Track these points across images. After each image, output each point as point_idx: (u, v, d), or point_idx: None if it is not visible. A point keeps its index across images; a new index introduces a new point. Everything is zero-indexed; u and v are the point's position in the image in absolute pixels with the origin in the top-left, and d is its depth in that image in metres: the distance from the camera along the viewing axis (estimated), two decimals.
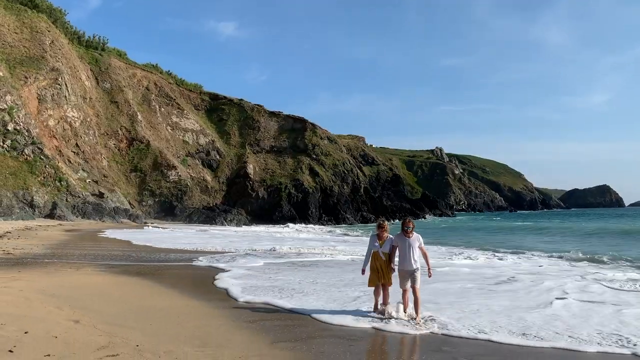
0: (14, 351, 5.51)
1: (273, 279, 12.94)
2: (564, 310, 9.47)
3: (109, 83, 72.28)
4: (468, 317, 8.75)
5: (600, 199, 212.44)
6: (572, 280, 13.31)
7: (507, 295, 11.11)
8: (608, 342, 7.26)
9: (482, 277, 13.91)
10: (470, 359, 6.42)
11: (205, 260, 17.76)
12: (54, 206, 50.29)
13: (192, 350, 6.23)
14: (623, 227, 45.69)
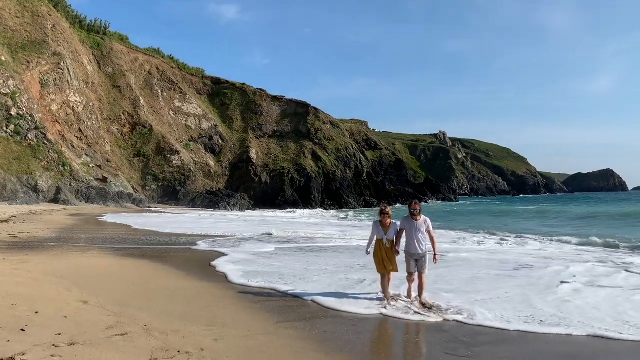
0: (26, 330, 5.65)
1: (282, 264, 12.88)
2: (584, 295, 9.29)
3: (111, 67, 72.10)
4: (483, 303, 8.45)
5: (604, 183, 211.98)
6: (591, 265, 13.20)
7: (524, 280, 10.81)
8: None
9: (499, 263, 13.68)
10: (475, 341, 6.54)
11: (211, 244, 17.93)
12: (57, 191, 50.58)
13: (198, 329, 6.36)
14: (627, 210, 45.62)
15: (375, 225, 8.83)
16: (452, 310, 7.94)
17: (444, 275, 11.24)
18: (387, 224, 8.67)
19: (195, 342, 5.76)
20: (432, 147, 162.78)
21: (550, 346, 6.38)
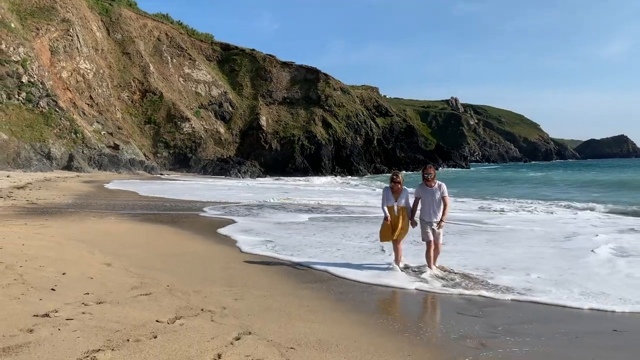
0: (56, 290, 5.91)
1: (315, 233, 12.42)
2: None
3: (120, 34, 71.61)
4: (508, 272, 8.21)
5: (617, 150, 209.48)
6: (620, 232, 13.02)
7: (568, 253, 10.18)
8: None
9: (546, 234, 12.96)
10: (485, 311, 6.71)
11: (227, 211, 18.20)
12: (70, 158, 51.14)
13: (219, 290, 6.60)
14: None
15: (385, 191, 8.64)
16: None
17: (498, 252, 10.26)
18: (398, 190, 8.43)
19: (216, 302, 6.00)
20: (444, 114, 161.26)
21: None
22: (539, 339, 5.20)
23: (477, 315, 6.06)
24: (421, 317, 6.27)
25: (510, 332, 5.43)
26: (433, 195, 8.27)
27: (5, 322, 4.65)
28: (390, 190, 8.49)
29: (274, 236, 11.72)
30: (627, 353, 5.00)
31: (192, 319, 5.26)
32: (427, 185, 8.34)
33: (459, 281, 7.75)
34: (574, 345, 5.13)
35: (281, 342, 4.72)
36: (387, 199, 8.49)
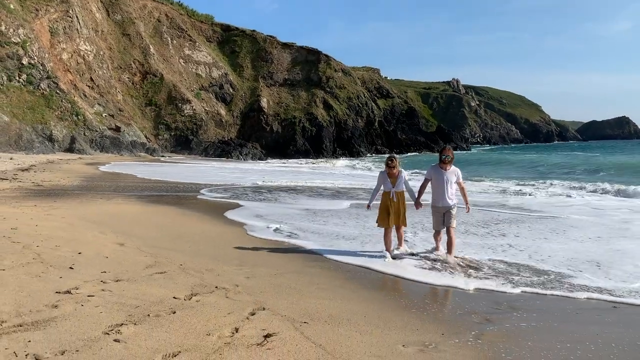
0: (74, 268, 6.11)
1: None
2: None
3: (120, 15, 71.08)
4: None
5: (619, 131, 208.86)
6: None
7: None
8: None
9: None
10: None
11: (232, 193, 18.37)
12: (72, 140, 51.21)
13: (231, 268, 6.80)
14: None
15: (381, 175, 8.17)
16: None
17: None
18: (394, 174, 8.03)
19: (229, 279, 6.20)
20: (445, 95, 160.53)
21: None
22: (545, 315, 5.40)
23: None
24: (428, 295, 6.46)
25: (514, 308, 5.64)
26: (448, 180, 7.83)
27: (30, 298, 4.85)
28: (387, 174, 8.11)
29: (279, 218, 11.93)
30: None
31: (208, 295, 5.46)
32: (442, 167, 7.90)
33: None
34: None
35: (294, 317, 4.92)
36: (384, 184, 8.12)
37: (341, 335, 4.50)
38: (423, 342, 4.46)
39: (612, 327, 5.16)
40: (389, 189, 8.02)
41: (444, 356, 4.17)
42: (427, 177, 8.10)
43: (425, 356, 4.15)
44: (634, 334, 5.01)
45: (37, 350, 3.71)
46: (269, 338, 4.31)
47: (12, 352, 3.64)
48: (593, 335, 4.86)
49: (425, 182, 8.13)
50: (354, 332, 4.62)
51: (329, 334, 4.50)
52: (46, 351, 3.72)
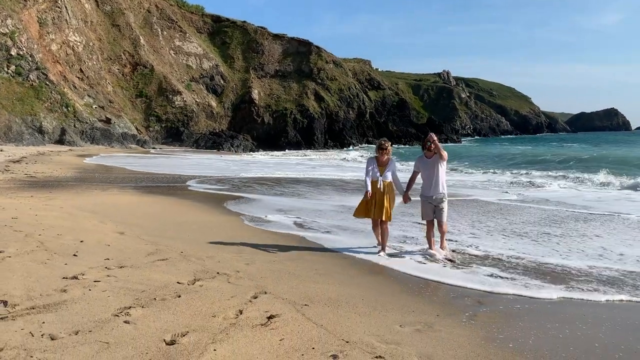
0: (78, 256, 6.25)
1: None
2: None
3: (110, 5, 70.44)
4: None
5: (607, 122, 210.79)
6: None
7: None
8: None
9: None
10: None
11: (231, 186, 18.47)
12: (62, 132, 50.90)
13: (230, 255, 6.98)
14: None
15: (369, 162, 7.57)
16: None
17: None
18: (384, 161, 7.48)
19: (230, 266, 6.37)
20: (436, 87, 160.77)
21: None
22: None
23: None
24: (423, 281, 6.68)
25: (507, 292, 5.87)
26: (433, 168, 7.45)
27: (39, 283, 4.99)
28: (376, 161, 7.52)
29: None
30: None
31: (210, 280, 5.64)
32: (426, 156, 7.54)
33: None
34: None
35: (295, 300, 5.11)
36: (371, 172, 7.47)
37: (341, 317, 4.70)
38: (419, 323, 4.67)
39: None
40: (376, 177, 7.39)
41: (439, 335, 4.38)
42: (415, 170, 7.76)
43: (421, 335, 4.36)
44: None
45: (51, 331, 3.86)
46: (272, 319, 4.49)
47: (28, 333, 3.80)
48: (581, 316, 5.10)
49: (413, 174, 7.76)
50: (352, 314, 4.81)
51: (329, 316, 4.70)
52: (60, 331, 3.87)
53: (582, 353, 4.11)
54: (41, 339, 3.73)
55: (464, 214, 11.69)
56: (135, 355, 3.57)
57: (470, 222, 10.59)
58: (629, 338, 4.55)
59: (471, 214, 11.73)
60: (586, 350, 4.18)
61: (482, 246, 8.19)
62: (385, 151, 7.47)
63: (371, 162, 7.54)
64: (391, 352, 3.91)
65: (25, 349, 3.53)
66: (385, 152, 7.46)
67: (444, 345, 4.14)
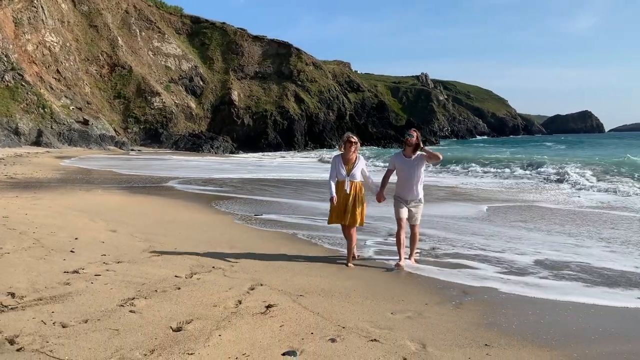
0: (75, 252, 6.38)
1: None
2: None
3: (87, 6, 69.60)
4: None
5: (582, 125, 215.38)
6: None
7: None
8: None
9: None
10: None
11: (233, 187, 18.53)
12: (39, 133, 50.17)
13: (223, 251, 7.17)
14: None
15: (335, 160, 6.73)
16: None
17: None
18: (351, 159, 6.64)
19: (224, 261, 6.56)
20: (414, 89, 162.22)
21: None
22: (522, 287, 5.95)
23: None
24: (410, 275, 6.96)
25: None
26: (413, 169, 6.70)
27: (41, 277, 5.14)
28: (342, 159, 6.69)
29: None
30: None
31: (207, 274, 5.83)
32: (406, 154, 6.78)
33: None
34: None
35: (290, 291, 5.34)
36: (337, 171, 6.64)
37: (335, 306, 4.95)
38: (409, 310, 4.94)
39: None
40: (343, 177, 6.57)
41: (428, 321, 4.66)
42: (389, 168, 6.96)
43: (412, 321, 4.63)
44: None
45: (62, 319, 4.03)
46: (270, 308, 4.72)
47: (40, 321, 3.96)
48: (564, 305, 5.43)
49: (388, 173, 6.92)
50: (346, 303, 5.07)
51: (324, 305, 4.94)
52: (70, 320, 4.05)
53: (561, 336, 4.42)
54: (53, 326, 3.90)
55: (576, 225, 10.16)
56: (146, 341, 3.76)
57: (585, 235, 9.09)
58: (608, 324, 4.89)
59: (574, 226, 10.11)
60: (565, 333, 4.49)
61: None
62: (352, 147, 6.59)
63: (336, 160, 6.70)
64: (385, 336, 4.17)
65: (40, 335, 3.70)
66: (352, 148, 6.58)
67: (434, 329, 4.42)
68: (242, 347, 3.78)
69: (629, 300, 5.51)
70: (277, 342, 3.92)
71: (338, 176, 6.64)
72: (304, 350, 3.77)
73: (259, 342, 3.90)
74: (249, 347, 3.77)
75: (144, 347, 3.65)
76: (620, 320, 4.98)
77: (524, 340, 4.25)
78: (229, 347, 3.75)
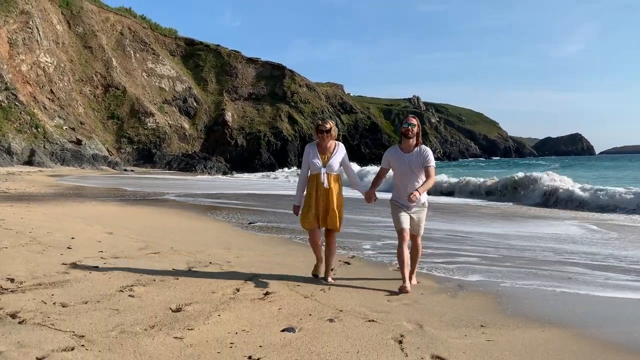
0: (72, 248, 6.41)
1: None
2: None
3: (82, 27, 70.18)
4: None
5: (572, 147, 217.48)
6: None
7: None
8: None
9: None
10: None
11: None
12: (32, 153, 50.07)
13: (220, 251, 7.21)
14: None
15: (309, 150, 5.50)
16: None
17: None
18: (328, 147, 5.44)
19: (220, 258, 6.60)
20: (406, 112, 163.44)
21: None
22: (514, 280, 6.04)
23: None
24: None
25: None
26: (410, 165, 5.38)
27: (40, 267, 5.16)
28: (317, 147, 5.45)
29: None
30: None
31: (204, 268, 5.88)
32: (403, 148, 5.46)
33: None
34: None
35: (287, 282, 5.39)
36: (311, 162, 5.41)
37: (332, 294, 5.00)
38: (406, 299, 5.00)
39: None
40: (318, 169, 5.34)
41: (424, 307, 4.72)
42: (383, 166, 5.65)
43: (408, 307, 4.68)
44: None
45: (62, 300, 4.07)
46: (268, 295, 4.78)
47: (41, 301, 3.99)
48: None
49: (381, 171, 5.67)
50: (343, 292, 5.12)
51: (321, 293, 5.00)
52: (70, 301, 4.08)
53: (555, 319, 4.50)
54: (53, 306, 3.93)
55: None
56: (145, 319, 3.80)
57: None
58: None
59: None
60: (560, 317, 4.57)
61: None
62: (327, 134, 5.38)
63: (310, 150, 5.49)
64: (382, 318, 4.23)
65: (41, 312, 3.73)
66: (327, 134, 5.37)
67: (430, 313, 4.49)
68: (241, 324, 3.82)
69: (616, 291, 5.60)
70: (275, 321, 3.97)
71: (312, 168, 5.40)
72: (302, 328, 3.82)
73: (258, 321, 3.94)
74: (249, 325, 3.82)
75: (144, 323, 3.68)
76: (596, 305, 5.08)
77: (518, 322, 4.32)
78: (228, 325, 3.79)
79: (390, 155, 5.56)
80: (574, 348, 3.74)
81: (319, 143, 5.46)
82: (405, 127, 5.50)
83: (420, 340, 3.69)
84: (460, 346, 3.63)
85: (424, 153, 5.46)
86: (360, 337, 3.69)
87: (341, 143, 5.64)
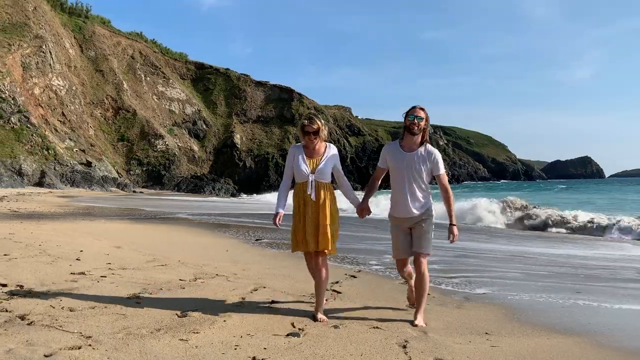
0: (80, 260, 6.48)
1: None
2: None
3: (94, 51, 71.56)
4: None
5: (582, 170, 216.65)
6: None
7: None
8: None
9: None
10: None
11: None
12: (42, 174, 50.61)
13: (226, 264, 7.24)
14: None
15: (294, 152, 4.48)
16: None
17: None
18: (317, 149, 4.42)
19: (227, 271, 6.63)
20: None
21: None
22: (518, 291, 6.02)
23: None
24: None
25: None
26: (411, 167, 4.37)
27: (49, 276, 5.23)
28: (303, 150, 4.43)
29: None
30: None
31: (211, 279, 5.91)
32: (404, 147, 4.45)
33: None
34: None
35: (292, 293, 5.42)
36: (297, 167, 4.37)
37: (338, 304, 5.03)
38: (411, 309, 4.99)
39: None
40: (305, 176, 4.33)
41: (429, 316, 4.70)
42: (380, 166, 4.66)
43: (413, 317, 4.68)
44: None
45: (70, 305, 4.12)
46: (274, 303, 4.80)
47: (49, 305, 4.05)
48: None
49: (378, 173, 4.73)
50: (349, 302, 5.14)
51: (327, 304, 5.01)
52: (78, 306, 4.13)
53: (562, 328, 4.49)
54: (62, 310, 3.98)
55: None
56: (151, 323, 3.84)
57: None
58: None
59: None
60: (566, 326, 4.55)
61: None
62: (315, 136, 4.35)
63: (296, 152, 4.47)
64: (386, 325, 4.25)
65: (50, 315, 3.78)
66: (314, 136, 4.34)
67: (435, 321, 4.49)
68: (246, 329, 3.85)
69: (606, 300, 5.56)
70: (281, 327, 3.99)
71: (298, 176, 4.35)
72: (307, 333, 3.85)
73: (263, 326, 3.97)
74: (254, 330, 3.85)
75: (150, 327, 3.72)
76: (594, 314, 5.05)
77: (524, 330, 4.31)
78: (233, 329, 3.82)
79: (388, 152, 4.54)
80: (582, 354, 3.73)
81: (305, 143, 4.40)
82: (411, 119, 4.34)
83: (425, 345, 3.70)
84: (464, 351, 3.63)
85: (431, 156, 4.40)
86: (364, 342, 3.70)
87: (333, 144, 4.62)
